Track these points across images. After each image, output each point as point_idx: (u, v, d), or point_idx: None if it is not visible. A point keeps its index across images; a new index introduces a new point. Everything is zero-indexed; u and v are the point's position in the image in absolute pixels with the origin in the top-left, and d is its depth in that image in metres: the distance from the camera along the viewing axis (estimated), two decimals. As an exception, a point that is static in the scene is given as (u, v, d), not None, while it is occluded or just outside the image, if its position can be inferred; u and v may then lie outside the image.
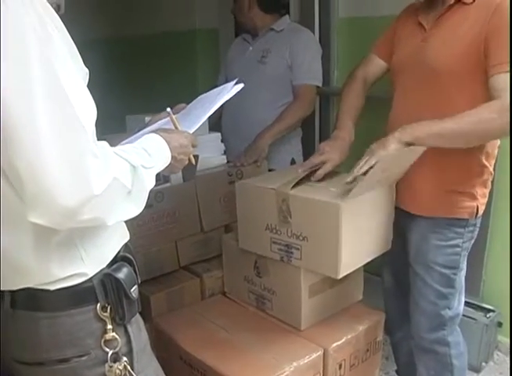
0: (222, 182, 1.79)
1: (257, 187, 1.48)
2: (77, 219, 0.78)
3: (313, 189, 1.41)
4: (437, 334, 1.56)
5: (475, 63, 1.31)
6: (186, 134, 1.06)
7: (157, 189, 1.61)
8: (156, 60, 3.45)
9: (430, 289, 1.52)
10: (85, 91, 0.85)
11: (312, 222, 1.35)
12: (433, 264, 1.50)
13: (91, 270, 0.91)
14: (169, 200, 1.65)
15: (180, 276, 1.70)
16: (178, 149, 1.02)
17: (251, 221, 1.50)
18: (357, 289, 1.66)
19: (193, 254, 1.76)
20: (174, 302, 1.63)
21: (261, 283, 1.57)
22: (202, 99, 1.20)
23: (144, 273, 1.57)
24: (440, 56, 1.36)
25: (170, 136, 1.01)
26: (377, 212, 1.45)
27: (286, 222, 1.39)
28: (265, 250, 1.49)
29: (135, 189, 0.86)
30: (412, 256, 1.55)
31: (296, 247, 1.40)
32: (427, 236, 1.50)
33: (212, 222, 1.78)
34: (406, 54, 1.46)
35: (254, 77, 2.08)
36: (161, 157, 0.98)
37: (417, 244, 1.53)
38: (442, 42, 1.37)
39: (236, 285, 1.67)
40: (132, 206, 0.87)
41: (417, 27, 1.46)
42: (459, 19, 1.35)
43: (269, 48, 2.11)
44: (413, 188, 1.49)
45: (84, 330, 0.90)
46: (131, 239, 1.04)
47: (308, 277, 1.45)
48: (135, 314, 0.98)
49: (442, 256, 1.49)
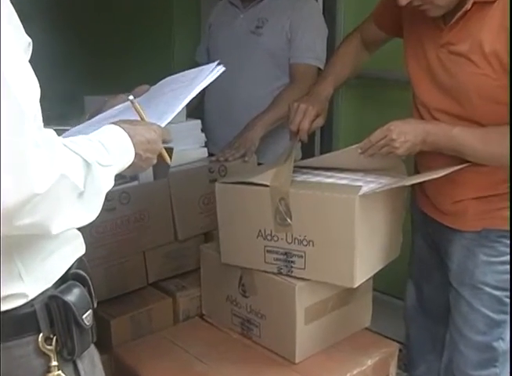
0: (202, 181, 1.78)
1: (244, 186, 1.47)
2: (14, 224, 0.76)
3: (315, 184, 1.44)
4: (487, 371, 1.55)
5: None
6: (155, 127, 1.05)
7: (122, 189, 1.60)
8: (123, 27, 3.43)
9: (479, 315, 1.52)
10: (26, 65, 0.83)
11: (319, 222, 1.37)
12: (481, 284, 1.51)
13: (32, 291, 0.90)
14: (136, 202, 1.64)
15: (148, 296, 1.69)
16: (144, 145, 1.01)
17: (237, 228, 1.51)
18: (364, 312, 1.65)
19: (165, 269, 1.75)
20: (141, 328, 1.62)
21: (248, 305, 1.56)
22: (171, 81, 1.20)
23: (104, 292, 1.56)
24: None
25: (134, 129, 1.00)
26: (390, 213, 1.49)
27: (285, 225, 1.41)
28: (257, 262, 1.49)
29: (87, 190, 0.85)
30: (455, 275, 1.56)
31: (298, 254, 1.42)
32: (473, 250, 1.51)
33: (189, 230, 1.78)
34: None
35: (246, 51, 2.09)
36: (122, 154, 0.97)
37: (461, 260, 1.54)
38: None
39: (216, 306, 1.67)
40: (83, 211, 0.86)
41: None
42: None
43: (266, 16, 2.10)
44: (451, 195, 1.51)
45: (23, 369, 0.89)
46: (88, 250, 1.04)
47: (304, 297, 1.45)
48: (87, 346, 0.97)
49: (492, 275, 1.49)
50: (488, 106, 1.37)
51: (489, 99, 1.35)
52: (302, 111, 1.55)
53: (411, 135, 1.37)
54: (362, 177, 1.48)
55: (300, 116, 1.55)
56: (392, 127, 1.37)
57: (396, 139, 1.35)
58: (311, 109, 1.55)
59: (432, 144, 1.38)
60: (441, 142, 1.38)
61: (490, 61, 1.32)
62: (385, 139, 1.37)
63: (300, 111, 1.55)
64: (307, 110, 1.55)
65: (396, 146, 1.36)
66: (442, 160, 1.44)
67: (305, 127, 1.55)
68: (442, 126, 1.40)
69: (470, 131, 1.37)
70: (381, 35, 1.68)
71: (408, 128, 1.38)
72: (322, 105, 1.59)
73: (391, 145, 1.36)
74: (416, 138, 1.37)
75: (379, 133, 1.38)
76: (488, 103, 1.36)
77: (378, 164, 1.48)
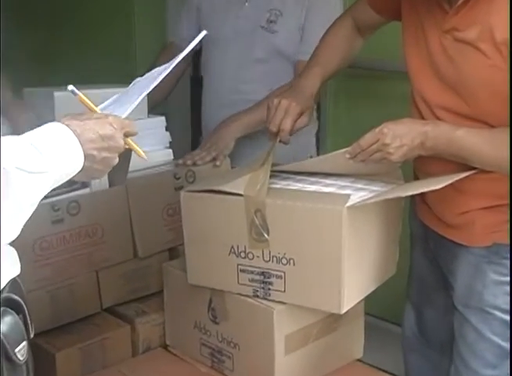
0: (166, 188, 1.77)
1: (213, 195, 1.45)
2: None
3: (296, 192, 1.44)
4: None
5: None
6: (112, 119, 1.04)
7: (71, 197, 1.57)
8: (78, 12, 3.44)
9: (488, 344, 1.50)
10: None
11: (301, 237, 1.36)
12: (491, 308, 1.49)
13: None
14: (88, 213, 1.62)
15: (102, 323, 1.66)
16: (98, 143, 1.00)
17: (206, 244, 1.50)
18: (355, 341, 1.64)
19: (122, 291, 1.73)
20: (93, 361, 1.59)
21: (219, 333, 1.55)
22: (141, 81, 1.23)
23: (48, 320, 1.54)
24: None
25: (82, 125, 0.99)
26: (384, 225, 1.48)
27: (261, 241, 1.41)
28: (229, 283, 1.48)
29: (2, 204, 0.83)
30: (460, 297, 1.55)
31: (277, 274, 1.40)
32: (481, 268, 1.49)
33: (150, 245, 1.76)
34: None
35: (254, 47, 2.07)
36: (64, 157, 0.95)
37: (467, 280, 1.52)
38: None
39: (182, 335, 1.66)
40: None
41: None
42: None
43: (278, 7, 2.07)
44: (456, 205, 1.49)
45: None
46: (29, 270, 1.08)
47: (284, 324, 1.43)
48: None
49: (504, 297, 1.47)
50: (496, 104, 1.35)
51: (498, 94, 1.33)
52: (283, 109, 1.51)
53: (407, 138, 1.34)
54: (351, 183, 1.46)
55: (281, 114, 1.51)
56: (385, 130, 1.34)
57: (390, 144, 1.33)
58: (295, 106, 1.52)
59: (432, 148, 1.36)
60: (442, 145, 1.36)
61: (501, 51, 1.30)
62: (377, 143, 1.34)
63: (281, 109, 1.51)
64: (289, 107, 1.51)
65: (390, 151, 1.34)
66: (444, 166, 1.42)
67: (287, 127, 1.51)
68: (444, 127, 1.37)
69: (476, 133, 1.35)
70: (376, 18, 1.66)
71: (403, 131, 1.35)
72: (307, 101, 1.56)
73: (384, 150, 1.34)
74: (414, 141, 1.35)
75: (370, 137, 1.35)
76: (497, 100, 1.34)
77: (370, 169, 1.46)
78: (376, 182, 1.47)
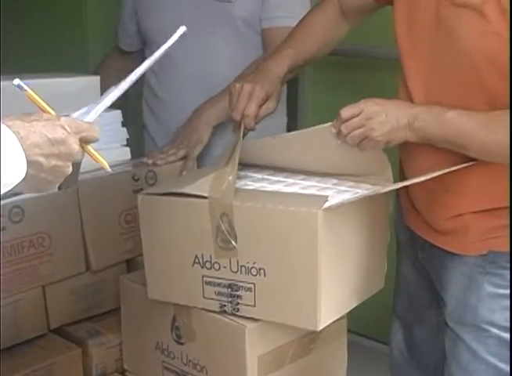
0: (124, 191, 1.76)
1: (174, 199, 1.44)
2: None
3: (268, 194, 1.45)
4: None
5: None
6: (64, 120, 1.00)
7: (13, 202, 1.54)
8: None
9: (484, 365, 1.49)
10: None
11: (272, 245, 1.36)
12: (487, 324, 1.48)
13: None
14: (33, 221, 1.59)
15: (50, 346, 1.64)
16: (46, 148, 0.96)
17: (168, 253, 1.49)
18: (337, 362, 1.64)
19: (73, 309, 1.70)
20: None
21: (183, 354, 1.54)
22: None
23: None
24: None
25: (28, 127, 0.95)
26: (369, 233, 1.48)
27: (228, 249, 1.40)
28: (194, 298, 1.47)
29: None
30: (452, 313, 1.54)
31: (246, 286, 1.40)
32: (476, 280, 1.48)
33: (105, 256, 1.74)
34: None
35: (211, 21, 2.06)
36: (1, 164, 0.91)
37: (460, 293, 1.51)
38: None
39: (142, 358, 1.65)
40: None
41: None
42: None
43: None
44: (447, 208, 1.49)
45: None
46: None
47: (256, 343, 1.42)
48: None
49: (502, 312, 1.46)
50: (498, 81, 1.33)
51: (500, 68, 1.32)
52: (247, 93, 1.52)
53: (392, 115, 1.37)
54: (334, 185, 1.47)
55: (244, 99, 1.52)
56: (371, 102, 1.37)
57: (373, 118, 1.35)
58: (259, 89, 1.52)
59: (420, 130, 1.37)
60: (432, 127, 1.36)
61: (506, 18, 1.29)
62: (360, 116, 1.36)
63: (244, 94, 1.52)
64: (253, 91, 1.52)
65: (373, 127, 1.35)
66: (434, 160, 1.42)
67: (252, 112, 1.51)
68: (435, 109, 1.37)
69: (471, 114, 1.35)
70: (367, 2, 1.65)
71: (390, 107, 1.38)
72: (273, 85, 1.56)
73: (367, 126, 1.35)
74: (399, 120, 1.36)
75: (352, 107, 1.37)
76: (499, 77, 1.33)
77: (358, 166, 1.47)
78: (363, 183, 1.47)
